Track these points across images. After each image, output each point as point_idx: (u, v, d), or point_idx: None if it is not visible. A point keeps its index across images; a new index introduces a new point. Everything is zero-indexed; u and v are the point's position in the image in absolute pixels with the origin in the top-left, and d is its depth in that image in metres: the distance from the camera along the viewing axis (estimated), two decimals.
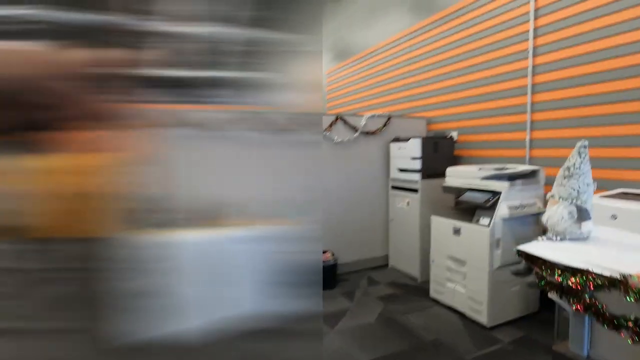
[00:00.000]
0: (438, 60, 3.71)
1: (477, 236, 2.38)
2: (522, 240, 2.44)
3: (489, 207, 2.35)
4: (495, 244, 2.31)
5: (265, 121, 1.01)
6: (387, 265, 3.67)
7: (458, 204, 2.67)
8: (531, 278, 1.61)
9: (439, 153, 3.26)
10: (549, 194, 1.69)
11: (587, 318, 1.47)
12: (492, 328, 2.36)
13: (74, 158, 0.74)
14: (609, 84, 2.31)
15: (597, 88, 2.36)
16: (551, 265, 1.34)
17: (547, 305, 2.60)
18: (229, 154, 0.99)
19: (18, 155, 0.71)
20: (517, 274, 1.69)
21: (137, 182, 0.80)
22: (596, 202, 1.97)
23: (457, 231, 2.54)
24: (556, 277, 1.30)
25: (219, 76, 0.86)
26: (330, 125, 3.30)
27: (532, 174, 2.46)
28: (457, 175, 2.68)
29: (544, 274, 1.36)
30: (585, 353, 1.51)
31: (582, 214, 1.55)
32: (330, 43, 6.15)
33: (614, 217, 1.87)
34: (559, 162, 2.62)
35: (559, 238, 1.57)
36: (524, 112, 2.81)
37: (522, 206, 2.36)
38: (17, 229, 0.72)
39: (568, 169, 1.58)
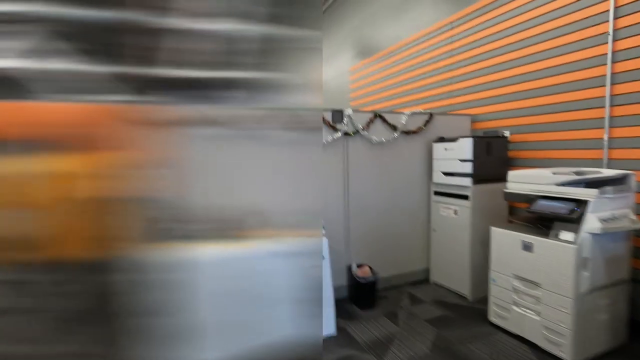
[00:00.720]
0: (482, 52, 3.32)
1: (557, 254, 1.98)
2: (614, 262, 2.05)
3: (572, 220, 1.95)
4: (582, 264, 1.91)
5: (297, 119, 0.91)
6: (427, 280, 3.29)
7: (527, 214, 2.28)
8: None
9: (492, 155, 2.87)
10: None
11: None
12: None
13: (86, 159, 0.67)
14: None
15: None
16: None
17: (636, 335, 2.19)
18: (257, 155, 0.87)
19: (21, 156, 0.63)
20: None
21: (157, 187, 0.73)
22: None
23: (527, 247, 2.15)
24: None
25: (237, 77, 0.81)
26: (368, 124, 2.94)
27: (621, 180, 2.06)
28: (524, 181, 2.29)
29: None
30: None
31: None
32: (352, 40, 5.80)
33: None
34: None
35: None
36: (602, 107, 2.40)
37: (614, 218, 1.96)
38: (23, 245, 0.64)
39: None
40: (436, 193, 3.14)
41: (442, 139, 3.07)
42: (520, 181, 2.32)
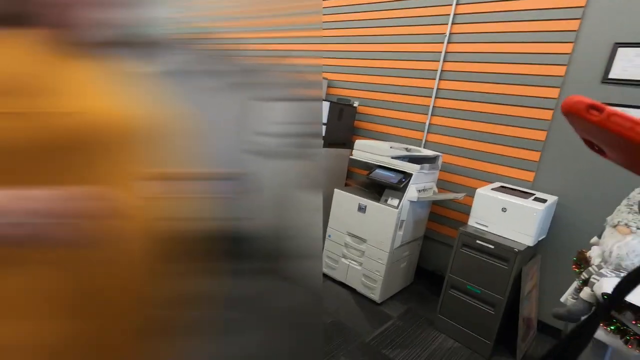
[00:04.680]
0: (346, 20, 3.42)
1: (383, 216, 2.34)
2: (418, 223, 2.57)
3: (398, 189, 2.32)
4: (399, 225, 2.32)
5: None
6: None
7: (365, 179, 2.57)
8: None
9: (342, 121, 3.07)
10: (615, 220, 1.48)
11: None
12: (381, 303, 2.44)
13: None
14: (509, 86, 2.53)
15: (498, 89, 2.57)
16: None
17: (419, 277, 2.89)
18: None
19: None
20: (569, 318, 1.44)
21: None
22: (486, 193, 2.17)
23: (362, 209, 2.45)
24: None
25: None
26: None
27: (434, 159, 2.56)
28: (367, 150, 2.55)
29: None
30: None
31: None
32: None
33: (504, 209, 2.09)
34: (449, 150, 2.85)
35: (621, 274, 1.33)
36: (429, 97, 2.88)
37: (425, 190, 2.43)
38: None
39: None
40: None
41: None
42: (363, 150, 2.58)
